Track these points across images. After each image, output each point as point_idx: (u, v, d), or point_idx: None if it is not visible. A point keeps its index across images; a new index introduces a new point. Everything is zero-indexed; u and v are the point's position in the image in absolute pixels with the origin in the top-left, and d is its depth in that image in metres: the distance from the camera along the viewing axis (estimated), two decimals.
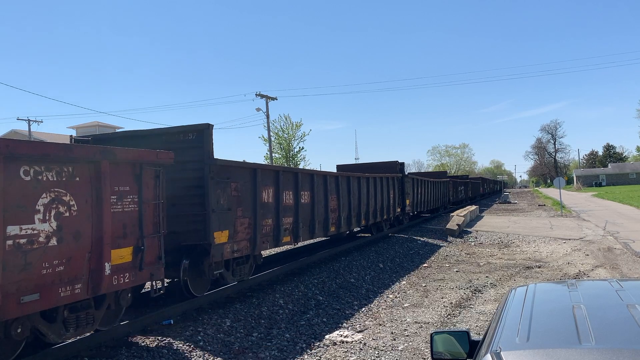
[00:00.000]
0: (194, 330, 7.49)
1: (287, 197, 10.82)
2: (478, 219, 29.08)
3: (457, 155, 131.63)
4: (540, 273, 13.08)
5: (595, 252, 15.86)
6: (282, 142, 47.43)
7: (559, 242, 18.31)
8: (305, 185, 11.79)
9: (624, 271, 12.80)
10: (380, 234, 18.85)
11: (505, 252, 16.90)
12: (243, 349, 7.26)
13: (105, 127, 53.97)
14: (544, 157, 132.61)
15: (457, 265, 14.50)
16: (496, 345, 2.11)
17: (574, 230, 22.20)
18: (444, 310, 9.60)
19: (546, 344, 2.10)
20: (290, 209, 11.04)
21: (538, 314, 2.48)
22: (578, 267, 13.51)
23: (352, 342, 7.73)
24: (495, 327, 2.41)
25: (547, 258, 15.43)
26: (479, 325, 8.45)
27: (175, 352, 6.72)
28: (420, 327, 8.47)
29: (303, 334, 8.15)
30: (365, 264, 13.85)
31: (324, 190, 12.99)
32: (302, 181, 11.63)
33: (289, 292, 10.15)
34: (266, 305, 9.15)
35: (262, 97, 42.57)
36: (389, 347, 7.51)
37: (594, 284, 3.99)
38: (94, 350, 6.41)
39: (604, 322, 2.31)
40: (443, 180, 33.53)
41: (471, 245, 18.85)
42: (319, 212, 12.56)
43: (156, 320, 7.54)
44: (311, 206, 12.16)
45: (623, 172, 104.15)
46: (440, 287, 11.63)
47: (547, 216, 30.93)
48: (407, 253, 16.52)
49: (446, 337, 2.90)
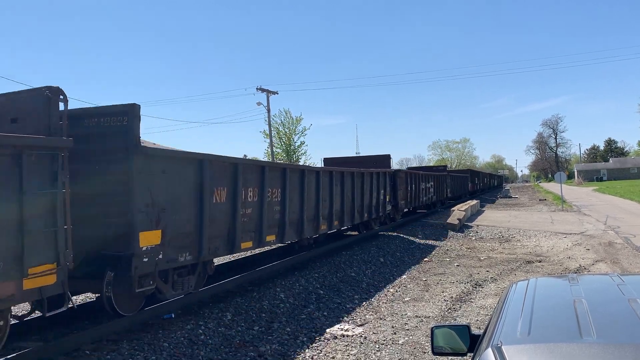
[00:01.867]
0: (195, 323, 7.51)
1: (248, 196, 9.20)
2: (479, 214, 29.09)
3: (458, 150, 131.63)
4: (541, 267, 13.09)
5: (596, 246, 15.86)
6: (282, 137, 47.42)
7: (559, 237, 18.32)
8: (274, 182, 10.18)
9: (624, 266, 12.80)
10: (370, 233, 17.45)
11: (506, 247, 16.91)
12: (244, 343, 7.28)
13: None
14: (545, 152, 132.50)
15: (458, 260, 14.50)
16: (497, 340, 2.11)
17: (574, 224, 22.19)
18: (444, 304, 9.61)
19: (547, 338, 2.10)
20: (254, 208, 9.43)
21: (539, 309, 2.48)
22: (579, 262, 13.51)
23: (353, 336, 7.75)
24: (496, 322, 2.41)
25: (548, 252, 15.43)
26: (479, 320, 8.46)
27: (177, 346, 6.74)
28: (421, 321, 8.49)
29: (304, 328, 8.17)
30: (366, 258, 13.86)
31: (300, 187, 11.36)
32: (271, 177, 9.97)
33: (289, 286, 10.17)
34: (267, 299, 9.17)
35: (263, 91, 42.45)
36: (390, 341, 7.53)
37: (595, 278, 3.99)
38: (96, 344, 6.43)
39: (605, 317, 2.31)
40: (437, 174, 30.31)
41: (472, 240, 18.86)
42: (291, 212, 10.85)
43: (157, 314, 7.55)
44: (282, 205, 10.47)
45: (624, 167, 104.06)
46: (440, 282, 11.64)
47: (548, 211, 30.93)
48: (408, 247, 16.53)
49: (447, 331, 2.90)
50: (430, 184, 27.02)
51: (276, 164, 11.45)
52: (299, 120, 47.56)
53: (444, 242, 18.24)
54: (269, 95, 42.85)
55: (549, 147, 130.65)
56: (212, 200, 8.11)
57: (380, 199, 17.49)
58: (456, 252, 15.99)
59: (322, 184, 12.57)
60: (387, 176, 18.48)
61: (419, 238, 18.54)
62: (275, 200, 10.29)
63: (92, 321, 7.25)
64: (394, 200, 19.50)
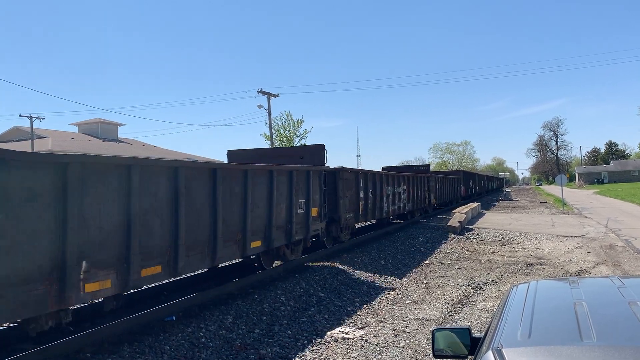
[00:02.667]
0: (196, 326, 7.52)
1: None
2: (480, 216, 29.08)
3: (459, 152, 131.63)
4: (541, 270, 13.08)
5: (597, 249, 15.85)
6: (283, 140, 47.48)
7: (560, 240, 18.30)
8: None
9: (625, 268, 12.79)
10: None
11: (507, 249, 16.90)
12: (245, 345, 7.28)
13: (107, 124, 53.99)
14: (545, 155, 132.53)
15: (459, 262, 14.50)
16: (497, 342, 2.11)
17: (575, 227, 22.18)
18: (445, 307, 9.61)
19: (548, 341, 2.10)
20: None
21: (539, 311, 2.49)
22: (580, 264, 13.50)
23: (354, 339, 7.75)
24: (496, 324, 2.42)
25: (548, 255, 15.42)
26: (480, 322, 8.45)
27: (178, 349, 6.74)
28: (422, 324, 8.49)
29: (304, 331, 8.17)
30: (367, 261, 13.85)
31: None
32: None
33: (290, 289, 10.17)
34: (268, 302, 9.17)
35: (264, 94, 42.51)
36: (391, 343, 7.53)
37: (595, 281, 3.99)
38: (97, 347, 6.43)
39: (606, 319, 2.31)
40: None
41: (473, 242, 18.85)
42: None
43: (158, 317, 7.56)
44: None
45: (625, 170, 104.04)
46: (441, 284, 11.63)
47: (549, 213, 30.90)
48: (409, 250, 16.52)
49: (447, 334, 2.91)
50: (401, 188, 20.58)
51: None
52: (300, 123, 47.71)
53: (444, 244, 18.23)
54: (270, 98, 42.91)
55: (550, 150, 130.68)
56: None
57: (298, 213, 11.30)
58: (457, 255, 15.98)
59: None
60: (319, 177, 12.39)
61: (420, 241, 18.49)
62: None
63: (93, 323, 7.26)
64: (332, 213, 13.53)
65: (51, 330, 5.98)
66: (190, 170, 7.98)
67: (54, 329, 6.07)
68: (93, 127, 52.70)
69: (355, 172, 15.54)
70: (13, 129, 50.41)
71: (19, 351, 5.82)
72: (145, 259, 6.83)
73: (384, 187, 18.15)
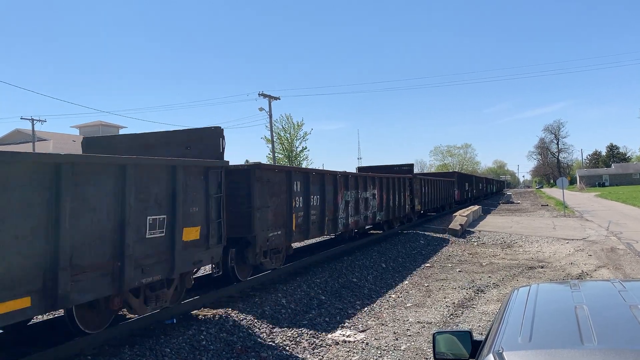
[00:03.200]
0: (197, 329, 7.51)
1: None
2: (481, 219, 29.07)
3: (460, 155, 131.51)
4: (543, 273, 13.06)
5: (598, 252, 15.83)
6: (284, 142, 47.56)
7: (561, 243, 18.28)
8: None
9: (627, 272, 12.77)
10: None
11: (508, 252, 16.88)
12: (246, 348, 7.27)
13: (109, 127, 54.10)
14: (547, 157, 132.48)
15: (460, 265, 14.48)
16: (498, 346, 2.11)
17: (577, 230, 22.15)
18: (446, 310, 9.59)
19: (548, 345, 2.10)
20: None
21: (540, 315, 2.49)
22: (581, 268, 13.48)
23: (355, 342, 7.74)
24: (497, 327, 2.41)
25: (550, 258, 15.40)
26: (481, 326, 8.44)
27: (178, 351, 6.73)
28: (423, 327, 8.47)
29: (305, 334, 8.15)
30: (368, 264, 13.84)
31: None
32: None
33: (291, 292, 10.16)
34: (269, 305, 9.16)
35: (265, 97, 42.62)
36: (392, 346, 7.52)
37: (596, 284, 3.99)
38: (97, 349, 6.43)
39: (607, 323, 2.31)
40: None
41: (474, 245, 18.83)
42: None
43: (159, 320, 7.56)
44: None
45: (626, 173, 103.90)
46: (442, 287, 11.62)
47: (550, 216, 30.87)
48: (410, 253, 16.51)
49: (448, 337, 2.90)
50: (369, 192, 16.37)
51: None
52: (301, 126, 47.82)
53: (445, 247, 18.21)
54: (271, 100, 43.00)
55: (551, 153, 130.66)
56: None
57: (146, 238, 6.66)
58: (458, 258, 15.96)
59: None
60: (204, 178, 7.85)
61: (421, 244, 18.45)
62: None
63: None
64: (244, 231, 9.55)
65: (51, 332, 5.97)
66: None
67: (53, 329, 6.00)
68: (94, 129, 52.83)
69: (285, 172, 11.13)
70: (14, 131, 50.54)
71: (19, 354, 5.82)
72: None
73: (339, 192, 13.74)
